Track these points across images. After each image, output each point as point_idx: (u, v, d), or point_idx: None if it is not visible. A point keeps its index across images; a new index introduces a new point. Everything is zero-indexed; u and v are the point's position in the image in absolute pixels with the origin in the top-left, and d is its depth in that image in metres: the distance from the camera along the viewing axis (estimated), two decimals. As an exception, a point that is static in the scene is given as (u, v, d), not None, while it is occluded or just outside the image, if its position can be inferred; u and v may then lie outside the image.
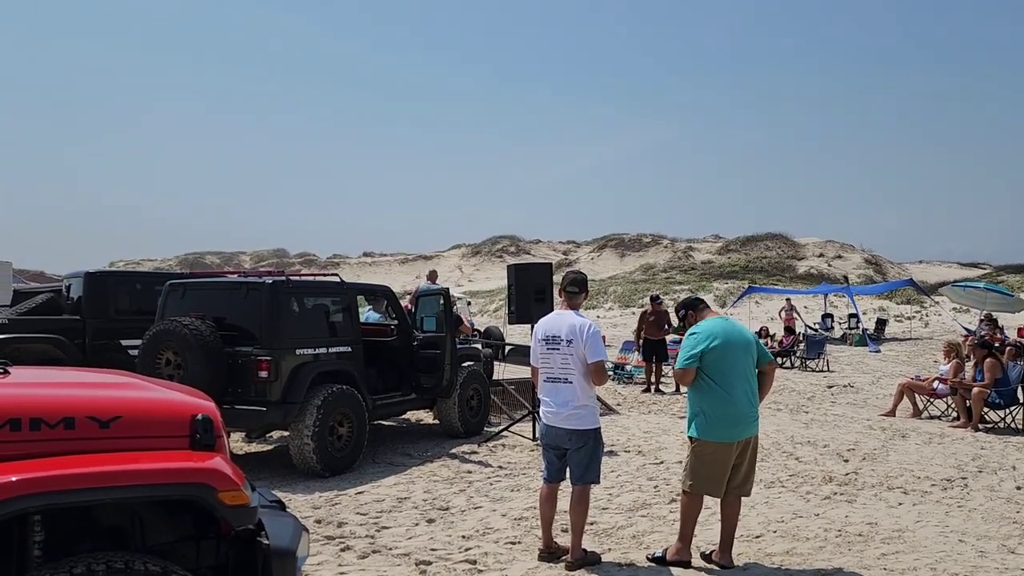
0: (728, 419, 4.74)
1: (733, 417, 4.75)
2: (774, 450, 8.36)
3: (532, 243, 59.24)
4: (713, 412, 4.75)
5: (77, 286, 9.66)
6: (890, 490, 6.77)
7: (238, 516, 2.80)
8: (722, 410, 4.74)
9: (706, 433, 4.80)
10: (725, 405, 4.73)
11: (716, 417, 4.75)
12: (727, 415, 4.74)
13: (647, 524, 5.77)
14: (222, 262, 61.58)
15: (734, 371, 4.76)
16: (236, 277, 8.43)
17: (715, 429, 4.77)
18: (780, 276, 42.97)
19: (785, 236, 51.93)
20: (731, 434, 4.76)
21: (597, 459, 4.93)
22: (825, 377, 15.99)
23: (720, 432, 4.76)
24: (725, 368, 4.75)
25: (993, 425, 10.14)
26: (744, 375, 4.81)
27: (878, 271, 46.52)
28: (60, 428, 2.70)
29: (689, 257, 50.70)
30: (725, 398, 4.73)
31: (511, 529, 5.66)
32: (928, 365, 16.90)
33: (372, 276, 49.78)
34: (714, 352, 4.74)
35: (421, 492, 6.68)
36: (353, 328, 8.08)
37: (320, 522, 5.78)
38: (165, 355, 7.04)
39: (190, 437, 2.92)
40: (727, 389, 4.74)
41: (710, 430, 4.78)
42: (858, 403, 12.58)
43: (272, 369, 7.00)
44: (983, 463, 7.93)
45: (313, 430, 7.06)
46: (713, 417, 4.76)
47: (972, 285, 25.10)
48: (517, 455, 8.17)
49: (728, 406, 4.73)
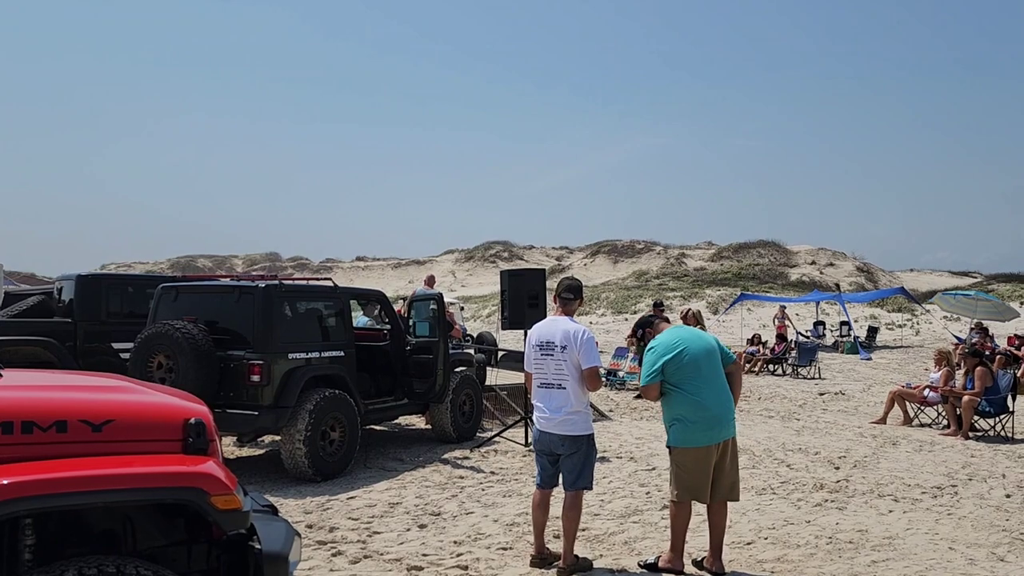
0: (704, 423, 4.79)
1: (708, 420, 4.80)
2: (765, 457, 8.38)
3: (525, 249, 59.30)
4: (688, 418, 4.81)
5: (69, 288, 9.61)
6: (881, 497, 6.80)
7: (230, 520, 2.80)
8: (696, 415, 4.79)
9: (684, 440, 4.85)
10: (698, 410, 4.78)
11: (692, 422, 4.80)
12: (702, 419, 4.79)
13: (639, 530, 5.77)
14: (214, 265, 61.42)
15: (699, 376, 4.81)
16: (229, 281, 8.41)
17: (693, 434, 4.81)
18: (772, 283, 43.08)
19: (777, 243, 52.14)
20: (709, 437, 4.81)
21: (590, 465, 4.94)
22: (816, 384, 16.03)
23: (698, 437, 4.81)
24: (690, 374, 4.80)
25: (983, 433, 10.19)
26: (711, 378, 4.85)
27: (869, 279, 46.70)
28: (52, 431, 2.69)
29: (682, 264, 50.84)
30: (697, 403, 4.78)
31: (503, 535, 5.66)
32: (919, 373, 16.98)
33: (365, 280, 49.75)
34: (675, 362, 4.79)
35: (413, 497, 6.68)
36: (346, 332, 8.08)
37: (312, 527, 5.77)
38: (157, 358, 7.02)
39: (183, 441, 2.92)
40: (696, 394, 4.79)
41: (688, 436, 4.83)
42: (849, 411, 12.62)
43: (264, 373, 6.99)
44: (973, 471, 7.97)
45: (305, 435, 7.05)
46: (689, 423, 4.81)
47: (963, 293, 25.28)
48: (509, 461, 8.16)
49: (701, 410, 4.78)
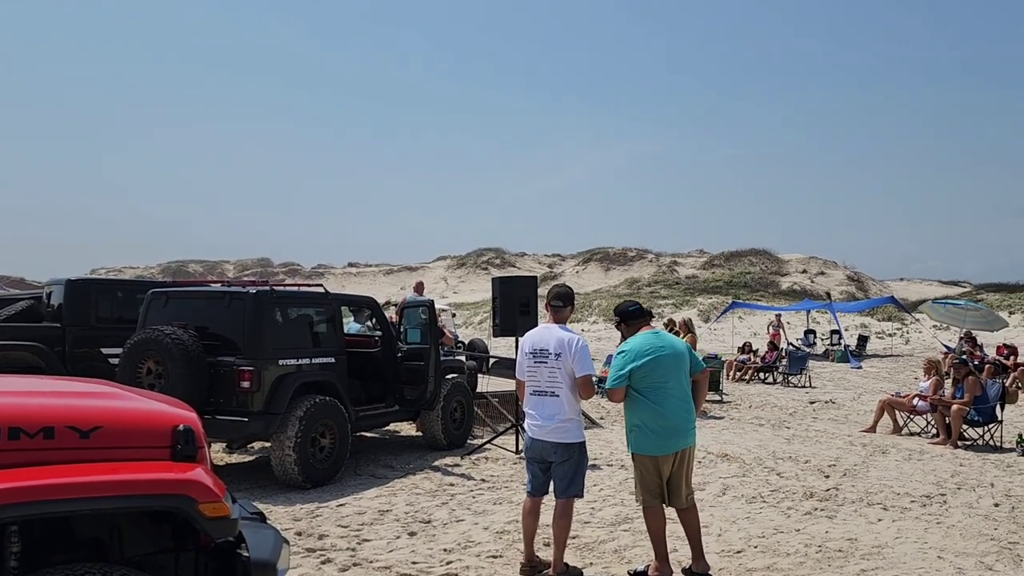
0: (662, 432, 4.81)
1: (666, 431, 4.82)
2: (756, 465, 8.39)
3: (517, 256, 59.30)
4: (648, 426, 4.83)
5: (58, 293, 9.56)
6: (870, 506, 6.81)
7: (218, 528, 2.79)
8: (656, 423, 4.81)
9: (642, 447, 4.88)
10: (658, 419, 4.80)
11: (651, 431, 4.82)
12: (661, 428, 4.81)
13: (629, 538, 5.77)
14: (205, 271, 61.20)
15: (664, 386, 4.82)
16: (220, 286, 8.38)
17: (650, 442, 4.84)
18: (763, 292, 43.20)
19: (769, 252, 52.29)
20: (666, 447, 4.83)
21: (581, 473, 4.93)
22: (807, 393, 16.08)
23: (655, 445, 4.83)
24: (655, 382, 4.81)
25: (972, 442, 10.23)
26: (675, 389, 4.86)
27: (860, 288, 46.89)
28: (39, 438, 2.68)
29: (673, 271, 50.94)
30: (658, 413, 4.80)
31: (493, 543, 5.65)
32: (908, 382, 17.05)
33: (357, 286, 49.64)
34: (643, 369, 4.79)
35: (403, 505, 6.66)
36: (337, 339, 8.06)
37: (301, 534, 5.74)
38: (146, 364, 6.99)
39: (171, 448, 2.90)
40: (658, 404, 4.80)
41: (645, 444, 4.86)
42: (839, 419, 12.66)
43: (254, 379, 6.96)
44: (962, 480, 8.00)
45: (295, 441, 7.02)
46: (648, 431, 4.83)
47: (952, 303, 25.40)
48: (500, 468, 8.15)
49: (661, 419, 4.80)
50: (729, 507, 6.70)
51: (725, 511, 6.57)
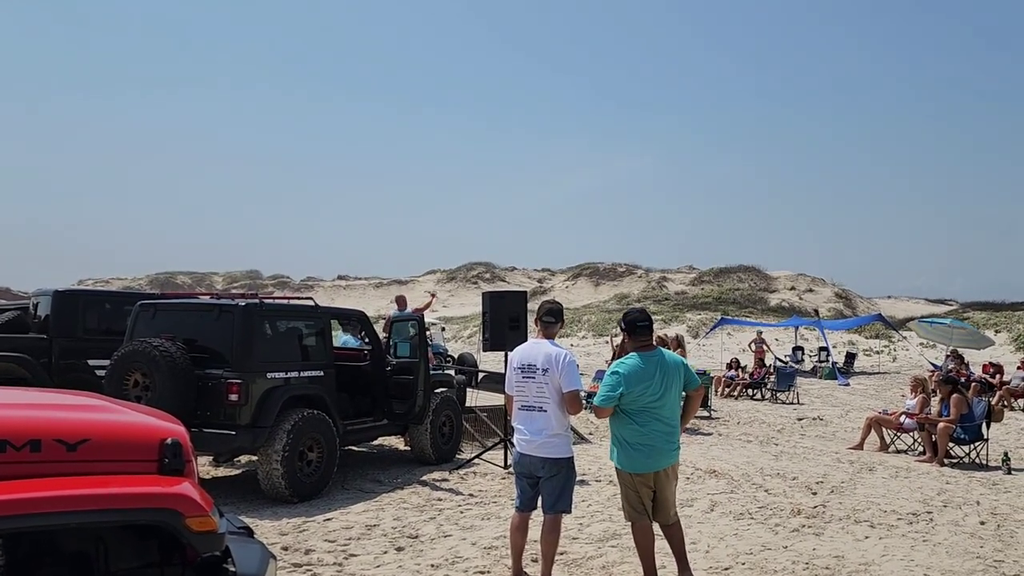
0: (645, 451, 4.81)
1: (649, 450, 4.81)
2: (744, 482, 8.40)
3: (507, 270, 59.41)
4: (631, 443, 4.83)
5: (45, 304, 9.51)
6: (857, 523, 6.83)
7: (205, 542, 2.78)
8: (639, 441, 4.81)
9: (625, 464, 4.89)
10: (642, 438, 4.80)
11: (634, 449, 4.83)
12: (644, 447, 4.81)
13: (617, 555, 5.76)
14: (194, 282, 60.98)
15: (651, 409, 4.80)
16: (208, 298, 8.36)
17: (632, 460, 4.84)
18: (752, 308, 43.42)
19: (757, 269, 52.62)
20: (648, 465, 4.84)
21: (569, 488, 4.93)
22: (795, 409, 16.12)
23: (638, 463, 4.84)
24: (644, 404, 4.80)
25: (958, 460, 10.28)
26: (661, 411, 4.83)
27: (848, 305, 47.18)
28: (26, 451, 2.67)
29: (663, 287, 51.15)
30: (642, 433, 4.79)
31: (481, 558, 5.63)
32: (895, 399, 17.12)
33: (346, 300, 49.57)
34: (634, 393, 4.78)
35: (390, 519, 6.63)
36: (326, 352, 8.04)
37: (287, 549, 5.71)
38: (133, 376, 6.96)
39: (159, 461, 2.90)
40: (644, 425, 4.79)
41: (628, 461, 4.86)
42: (827, 436, 12.70)
43: (242, 393, 6.93)
44: (948, 497, 8.03)
45: (282, 455, 6.99)
46: (631, 449, 4.83)
47: (939, 321, 25.57)
48: (488, 483, 8.13)
49: (645, 439, 4.80)
50: (717, 524, 6.70)
51: (713, 527, 6.57)
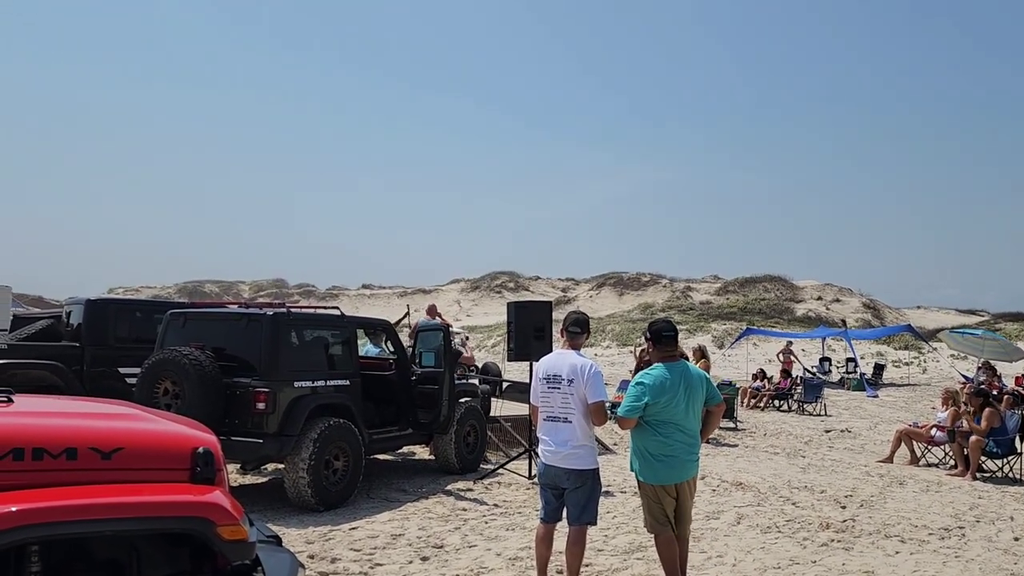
0: (667, 462, 4.81)
1: (670, 462, 4.81)
2: (771, 495, 8.32)
3: (531, 279, 59.36)
4: (653, 455, 4.83)
5: (77, 313, 9.67)
6: (887, 538, 6.73)
7: (236, 551, 2.81)
8: (661, 453, 4.81)
9: (646, 476, 4.89)
10: (664, 449, 4.80)
11: (656, 461, 4.82)
12: (666, 459, 4.81)
13: (642, 567, 5.72)
14: (221, 291, 61.63)
15: (674, 420, 4.80)
16: (237, 308, 8.45)
17: (655, 472, 4.85)
18: (778, 318, 42.99)
19: (783, 278, 52.09)
20: (669, 477, 4.84)
21: (595, 500, 4.92)
22: (822, 421, 15.94)
23: (660, 475, 4.84)
24: (666, 417, 4.80)
25: (991, 474, 10.11)
26: (685, 423, 4.84)
27: (876, 316, 46.58)
28: (63, 459, 2.71)
29: (687, 297, 50.82)
30: (665, 444, 4.80)
31: (505, 569, 5.62)
32: (926, 411, 16.87)
33: (371, 308, 49.80)
34: (658, 404, 4.78)
35: (415, 529, 6.64)
36: (352, 361, 8.09)
37: (313, 557, 5.74)
38: (163, 384, 7.04)
39: (191, 470, 2.93)
40: (667, 437, 4.80)
41: (652, 473, 4.86)
42: (855, 448, 12.53)
43: (270, 401, 6.99)
44: (981, 513, 7.90)
45: (309, 463, 7.04)
46: (653, 460, 4.83)
47: (970, 332, 25.14)
48: (513, 493, 8.12)
49: (667, 450, 4.80)
50: (744, 536, 6.64)
51: (740, 540, 6.51)
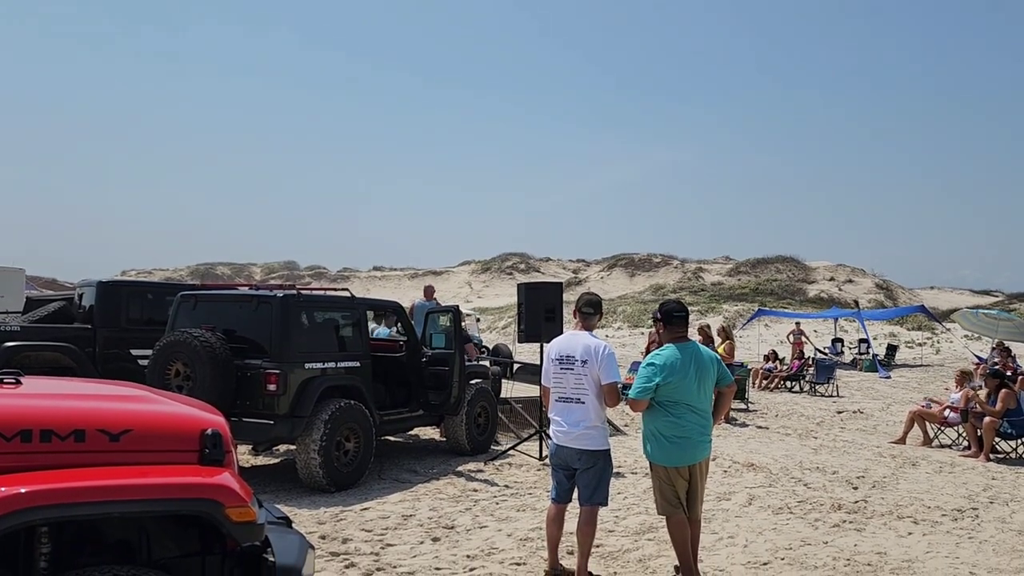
0: (679, 444, 4.79)
1: (683, 443, 4.80)
2: (783, 476, 8.29)
3: (542, 261, 59.23)
4: (665, 437, 4.81)
5: (89, 295, 9.71)
6: (900, 519, 6.70)
7: (245, 533, 2.80)
8: (673, 434, 4.79)
9: (659, 458, 4.87)
10: (676, 430, 4.78)
11: (669, 442, 4.80)
12: (679, 440, 4.79)
13: (654, 548, 5.72)
14: (233, 273, 61.86)
15: (686, 401, 4.79)
16: (248, 290, 8.46)
17: (667, 453, 4.83)
18: (790, 299, 42.77)
19: (796, 259, 51.76)
20: (682, 458, 4.82)
21: (606, 480, 4.90)
22: (834, 402, 15.88)
23: (672, 456, 4.82)
24: (679, 398, 4.79)
25: (1005, 455, 10.04)
26: (697, 404, 4.83)
27: (889, 296, 46.26)
28: (71, 440, 2.71)
29: (699, 278, 50.61)
30: (677, 425, 4.78)
31: (516, 549, 5.63)
32: (939, 392, 16.76)
33: (381, 290, 49.92)
34: (670, 384, 4.76)
35: (426, 510, 6.66)
36: (362, 343, 8.09)
37: (325, 538, 5.76)
38: (175, 366, 7.06)
39: (199, 452, 2.92)
40: (679, 417, 4.78)
41: (662, 454, 4.84)
42: (868, 429, 12.48)
43: (281, 383, 7.01)
44: (994, 494, 7.85)
45: (320, 444, 7.06)
46: (665, 442, 4.81)
47: (985, 312, 24.91)
48: (524, 474, 8.13)
49: (680, 431, 4.78)
50: (755, 518, 6.62)
51: (751, 521, 6.49)
